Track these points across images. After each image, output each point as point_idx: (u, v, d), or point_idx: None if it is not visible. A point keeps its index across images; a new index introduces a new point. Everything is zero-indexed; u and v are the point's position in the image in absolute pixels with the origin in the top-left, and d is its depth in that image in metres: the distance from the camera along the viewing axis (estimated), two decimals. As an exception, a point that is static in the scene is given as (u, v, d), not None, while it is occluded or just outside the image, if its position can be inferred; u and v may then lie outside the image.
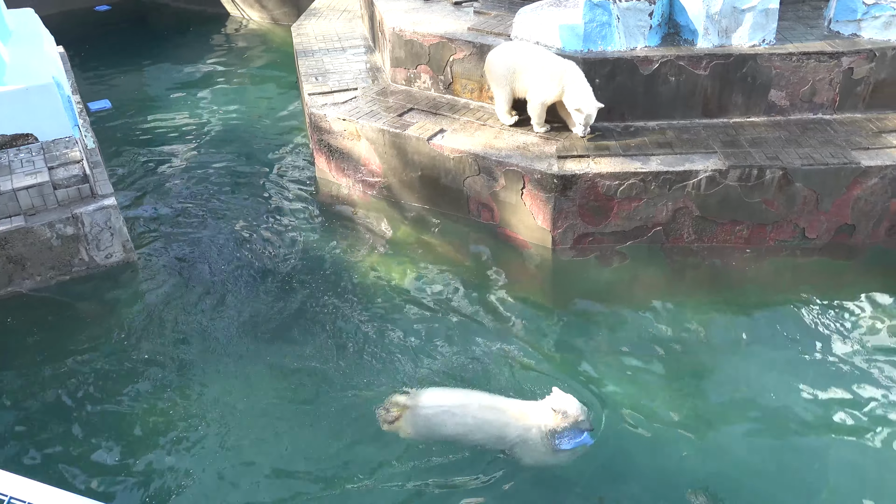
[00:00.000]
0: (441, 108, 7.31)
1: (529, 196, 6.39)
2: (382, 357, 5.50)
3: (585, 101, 6.30)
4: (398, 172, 7.09)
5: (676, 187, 6.19)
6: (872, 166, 6.14)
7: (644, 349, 5.59)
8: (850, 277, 6.33)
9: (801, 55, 6.60)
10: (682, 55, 6.62)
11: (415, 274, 6.42)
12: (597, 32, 6.66)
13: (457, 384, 5.20)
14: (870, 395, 5.15)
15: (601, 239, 6.48)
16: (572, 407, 4.56)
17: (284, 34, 11.99)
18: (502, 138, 6.72)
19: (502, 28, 7.29)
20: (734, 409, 5.07)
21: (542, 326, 5.87)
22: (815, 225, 6.39)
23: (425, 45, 7.39)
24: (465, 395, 4.82)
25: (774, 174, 6.12)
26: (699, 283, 6.33)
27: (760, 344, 5.65)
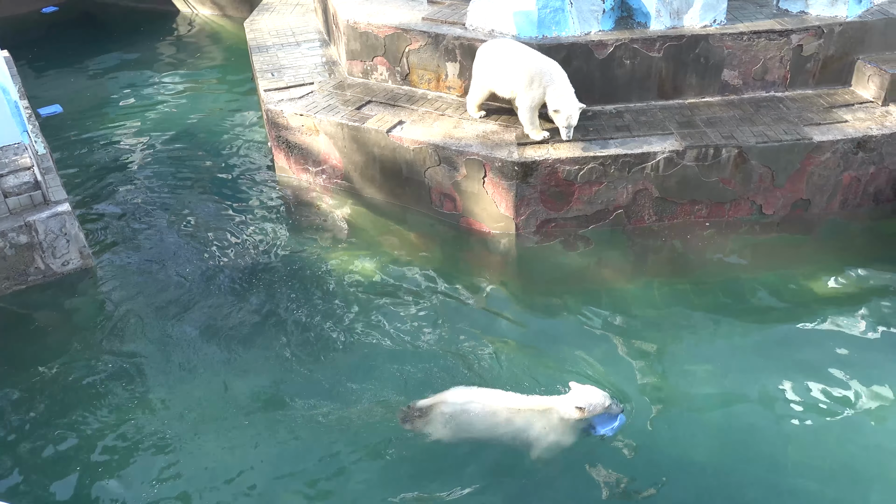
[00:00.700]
0: (399, 99, 7.27)
1: (491, 184, 6.40)
2: (352, 355, 5.46)
3: (564, 102, 6.13)
4: (358, 166, 7.05)
5: (635, 170, 6.25)
6: (824, 141, 6.26)
7: (613, 330, 5.65)
8: (808, 250, 6.48)
9: (752, 34, 6.69)
10: (635, 38, 6.67)
11: (380, 269, 6.39)
12: (551, 18, 6.67)
13: (435, 377, 5.18)
14: (832, 364, 5.27)
15: (564, 224, 6.52)
16: (596, 399, 4.54)
17: (237, 30, 11.80)
18: (462, 128, 6.71)
19: (457, 17, 7.27)
20: (702, 386, 5.14)
21: (511, 314, 5.89)
22: (772, 201, 6.50)
23: (380, 36, 7.34)
24: (490, 393, 4.75)
25: (730, 153, 6.22)
26: (662, 264, 6.42)
27: (725, 319, 5.76)
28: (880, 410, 4.92)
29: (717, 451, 4.68)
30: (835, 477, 4.51)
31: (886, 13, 6.93)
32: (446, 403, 4.66)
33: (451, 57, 7.04)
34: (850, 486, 4.46)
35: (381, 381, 5.19)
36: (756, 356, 5.39)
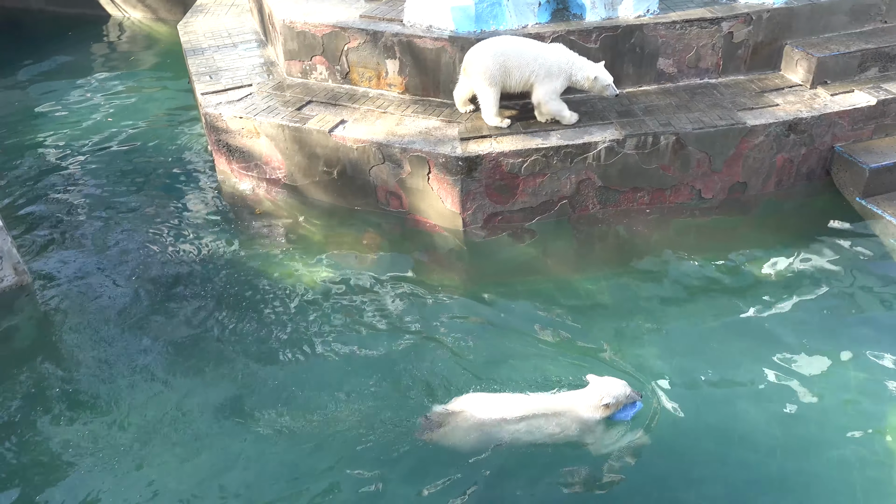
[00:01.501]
0: (340, 98, 7.20)
1: (436, 180, 6.39)
2: (305, 360, 5.39)
3: (600, 70, 6.26)
4: (302, 167, 6.96)
5: (578, 160, 6.33)
6: (757, 125, 6.44)
7: (563, 321, 5.71)
8: (747, 231, 6.66)
9: (684, 23, 6.83)
10: (572, 30, 6.74)
11: (329, 271, 6.33)
12: (488, 12, 6.69)
13: (392, 378, 5.15)
14: (774, 337, 5.44)
15: (510, 217, 6.56)
16: (619, 391, 4.50)
17: (171, 32, 11.52)
18: (404, 125, 6.68)
19: (395, 13, 7.23)
20: (652, 368, 5.23)
21: (464, 310, 5.90)
22: (710, 185, 6.67)
23: (318, 35, 7.26)
24: (509, 396, 4.68)
25: (668, 140, 6.34)
26: (609, 251, 6.52)
27: (671, 302, 5.88)
28: (820, 380, 5.09)
29: (670, 431, 4.77)
30: (777, 449, 4.66)
31: (811, -1, 7.16)
32: (468, 411, 4.54)
33: (391, 54, 7.00)
34: (793, 457, 4.61)
35: (337, 386, 5.13)
36: (702, 336, 5.53)
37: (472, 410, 4.57)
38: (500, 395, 4.75)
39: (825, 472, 4.54)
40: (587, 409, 4.51)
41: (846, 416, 4.87)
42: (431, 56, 6.86)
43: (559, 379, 5.08)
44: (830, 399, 4.99)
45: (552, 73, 6.25)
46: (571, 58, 6.31)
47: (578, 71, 6.29)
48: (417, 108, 6.94)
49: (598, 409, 4.47)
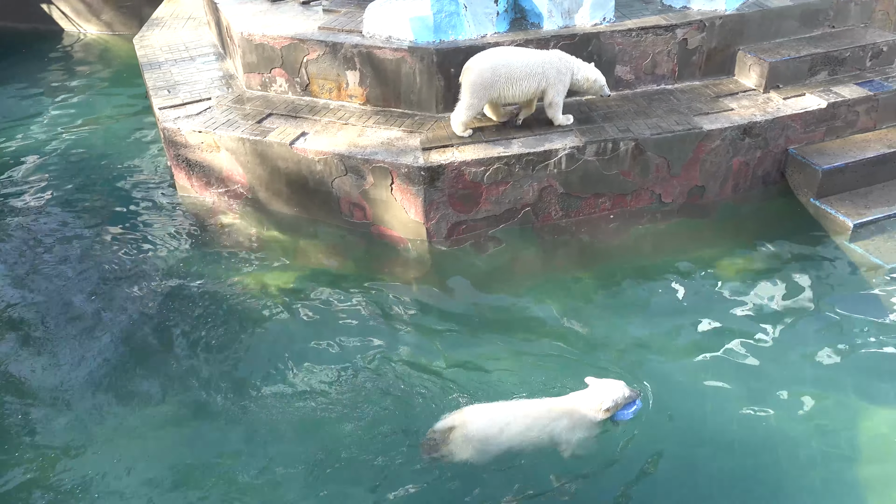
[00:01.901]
0: (301, 110, 7.16)
1: (399, 191, 6.39)
2: (270, 377, 5.33)
3: (598, 72, 6.50)
4: (264, 181, 6.90)
5: (539, 167, 6.38)
6: (713, 129, 6.56)
7: (529, 328, 5.75)
8: (706, 234, 6.78)
9: (640, 30, 6.94)
10: (530, 39, 6.80)
11: (294, 284, 6.28)
12: (446, 22, 6.73)
13: (363, 392, 5.13)
14: (735, 337, 5.55)
15: (474, 226, 6.58)
16: (618, 393, 4.56)
17: (127, 47, 11.32)
18: (366, 136, 6.67)
19: (353, 25, 7.22)
20: (625, 374, 5.27)
21: (429, 320, 5.90)
22: (670, 189, 6.77)
23: (277, 47, 7.21)
24: (510, 404, 4.66)
25: (627, 146, 6.43)
26: (572, 257, 6.57)
27: (635, 306, 5.96)
28: (782, 378, 5.19)
29: (640, 431, 4.82)
30: (741, 447, 4.74)
31: (762, 5, 7.33)
32: (469, 423, 4.50)
33: (351, 65, 6.99)
34: (758, 455, 4.69)
35: (307, 401, 5.11)
36: (667, 337, 5.62)
37: (473, 422, 4.51)
38: (501, 403, 4.68)
39: (790, 469, 4.62)
40: (589, 411, 4.55)
41: (808, 412, 4.98)
42: (391, 67, 6.87)
43: (532, 384, 5.11)
44: (793, 396, 5.09)
45: (560, 77, 6.37)
46: (572, 61, 6.46)
47: (579, 72, 6.45)
48: (379, 119, 6.94)
49: (600, 412, 4.51)
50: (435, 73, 6.74)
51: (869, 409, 4.98)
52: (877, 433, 4.85)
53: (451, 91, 6.82)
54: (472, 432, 4.47)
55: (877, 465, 4.64)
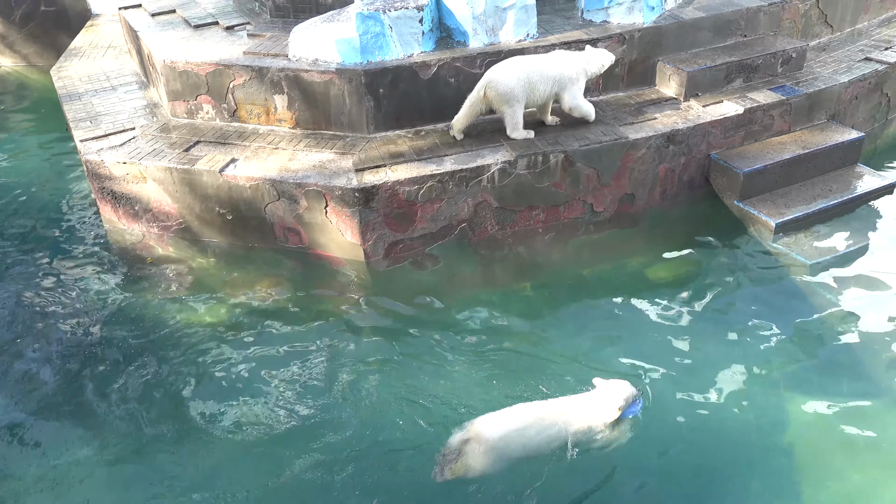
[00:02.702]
0: (229, 137, 7.05)
1: (334, 213, 6.34)
2: (213, 411, 5.21)
3: (607, 53, 6.80)
4: (194, 210, 6.75)
5: (473, 183, 6.43)
6: (639, 138, 6.74)
7: (474, 342, 5.77)
8: (638, 240, 6.94)
9: (563, 45, 7.10)
10: (457, 56, 6.88)
11: (232, 314, 6.15)
12: (373, 43, 6.74)
13: (311, 418, 5.08)
14: (672, 338, 5.69)
15: (412, 244, 6.58)
16: (627, 392, 4.72)
17: (44, 78, 10.97)
18: (297, 160, 6.61)
19: (279, 48, 7.17)
20: (560, 380, 5.34)
21: (371, 341, 5.87)
22: (601, 199, 6.92)
23: (201, 74, 7.09)
24: (521, 409, 4.66)
25: (557, 158, 6.55)
26: (511, 270, 6.64)
27: (575, 315, 6.07)
28: (717, 377, 5.34)
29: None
30: (680, 445, 4.86)
31: (677, 17, 7.60)
32: (485, 433, 4.48)
33: (279, 89, 6.93)
34: (696, 452, 4.80)
35: (252, 433, 5.01)
36: (607, 343, 5.74)
37: (489, 432, 4.49)
38: (512, 409, 4.67)
39: (726, 463, 4.75)
40: (602, 411, 4.66)
41: (742, 406, 5.13)
42: (320, 89, 6.83)
43: (483, 398, 5.14)
44: (725, 391, 5.24)
45: (576, 76, 6.65)
46: (582, 56, 6.74)
47: (590, 65, 6.74)
48: (310, 142, 6.89)
49: (613, 411, 4.64)
50: (364, 94, 6.74)
51: (799, 400, 5.17)
52: (807, 423, 5.03)
53: (382, 111, 6.83)
54: (491, 442, 4.44)
55: (810, 456, 4.81)
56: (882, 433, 4.92)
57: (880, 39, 8.88)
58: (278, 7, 8.05)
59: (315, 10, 7.79)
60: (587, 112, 6.83)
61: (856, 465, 4.74)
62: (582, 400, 4.75)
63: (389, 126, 6.93)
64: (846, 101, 7.79)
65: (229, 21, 8.09)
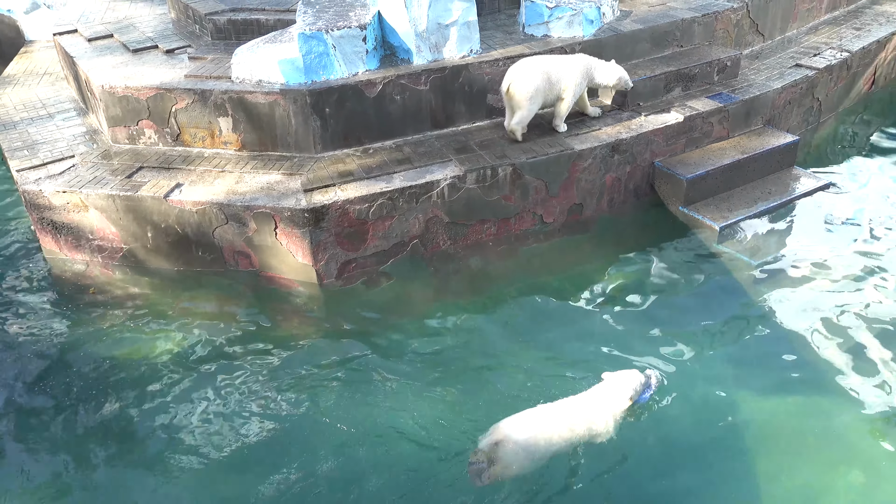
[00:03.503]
0: (174, 161, 6.92)
1: (284, 235, 6.28)
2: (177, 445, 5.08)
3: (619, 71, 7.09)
4: (139, 237, 6.60)
5: (423, 199, 6.44)
6: (584, 149, 6.86)
7: (430, 358, 5.75)
8: (588, 249, 7.05)
9: (506, 59, 7.19)
10: (401, 74, 6.90)
11: (183, 343, 6.00)
12: (316, 63, 6.72)
13: (266, 443, 5.00)
14: (624, 347, 5.76)
15: (364, 263, 6.55)
16: (636, 381, 4.98)
17: (-22, 108, 10.63)
18: (245, 182, 6.53)
19: (221, 71, 7.09)
20: (520, 389, 5.36)
21: (326, 362, 5.79)
22: (550, 210, 7.00)
23: (142, 99, 6.96)
24: (544, 408, 4.84)
25: (506, 171, 6.61)
26: (464, 284, 6.65)
27: (529, 326, 6.09)
28: (666, 376, 5.42)
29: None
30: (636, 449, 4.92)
31: (615, 30, 7.78)
32: (515, 434, 4.61)
33: (223, 112, 6.85)
34: (654, 457, 4.87)
35: (206, 460, 4.90)
36: (564, 351, 5.78)
37: (518, 432, 4.63)
38: (535, 410, 4.83)
39: (675, 462, 4.83)
40: (616, 401, 4.89)
41: (692, 405, 5.22)
42: (265, 110, 6.78)
43: (443, 413, 5.15)
44: (676, 391, 5.31)
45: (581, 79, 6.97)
46: (592, 62, 7.05)
47: (600, 72, 7.06)
48: (257, 164, 6.81)
49: (626, 400, 4.88)
50: (310, 114, 6.71)
51: (749, 398, 5.29)
52: (757, 419, 5.15)
53: (329, 131, 6.81)
54: (520, 443, 4.59)
55: (762, 452, 4.92)
56: (828, 425, 5.07)
57: (809, 46, 9.25)
58: (219, 29, 7.97)
59: (257, 31, 7.74)
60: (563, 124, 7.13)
61: (805, 458, 4.87)
62: (595, 394, 4.98)
63: (337, 145, 6.90)
64: (780, 107, 8.07)
65: (169, 44, 7.98)
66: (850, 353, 5.64)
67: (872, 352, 5.64)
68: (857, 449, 4.91)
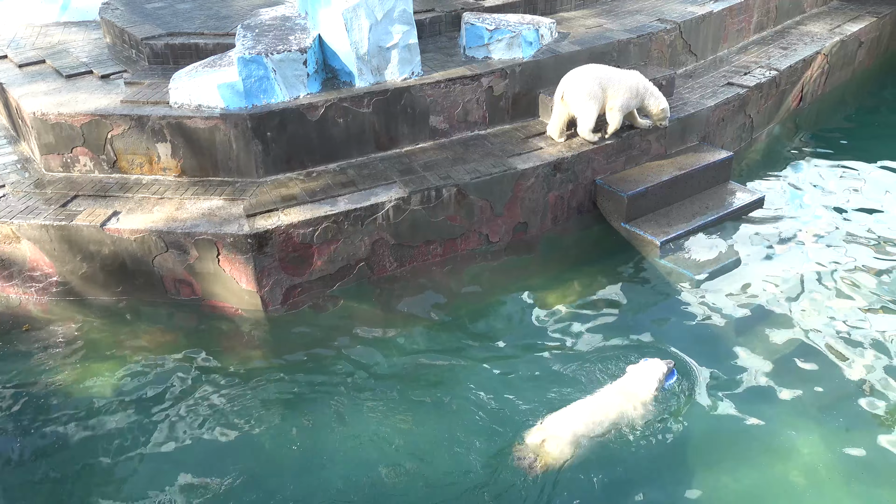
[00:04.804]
0: (110, 189, 6.75)
1: (227, 261, 6.17)
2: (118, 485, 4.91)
3: (666, 105, 7.45)
4: (76, 269, 6.40)
5: (368, 221, 6.42)
6: (527, 168, 6.95)
7: (377, 383, 5.70)
8: (534, 267, 7.12)
9: (448, 81, 7.26)
10: (343, 97, 6.90)
11: (124, 377, 5.79)
12: (257, 87, 6.67)
13: (218, 477, 4.88)
14: (570, 360, 5.82)
15: (310, 287, 6.48)
16: (659, 370, 5.34)
17: None
18: (185, 208, 6.41)
19: (159, 96, 6.97)
20: (468, 412, 5.35)
21: (272, 391, 5.68)
22: (495, 229, 7.06)
23: (76, 125, 6.79)
24: (586, 402, 5.20)
25: (450, 192, 6.65)
26: (412, 306, 6.62)
27: (478, 345, 6.09)
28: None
29: (488, 459, 4.93)
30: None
31: (555, 51, 7.93)
32: (555, 433, 4.95)
33: (161, 137, 6.72)
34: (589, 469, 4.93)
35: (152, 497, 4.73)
36: (507, 368, 5.79)
37: (560, 430, 4.97)
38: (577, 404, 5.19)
39: (631, 476, 4.88)
40: (644, 391, 5.26)
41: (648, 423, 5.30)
42: (205, 135, 6.68)
43: (396, 437, 5.12)
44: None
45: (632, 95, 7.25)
46: (649, 86, 7.34)
47: (650, 98, 7.34)
48: (197, 190, 6.70)
49: (653, 389, 5.26)
50: (251, 139, 6.64)
51: (693, 406, 5.39)
52: (700, 428, 5.24)
53: (271, 155, 6.75)
54: (566, 437, 4.92)
55: (706, 458, 5.02)
56: (768, 427, 5.20)
57: (739, 65, 9.60)
58: (156, 54, 7.85)
59: (195, 55, 7.65)
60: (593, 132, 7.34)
61: (748, 462, 4.98)
62: (624, 384, 5.33)
63: (280, 169, 6.84)
64: (714, 124, 8.33)
65: (105, 70, 7.81)
66: (786, 361, 5.81)
67: (808, 358, 5.83)
68: (797, 454, 5.04)
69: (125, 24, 8.37)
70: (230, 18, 8.48)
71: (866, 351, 5.87)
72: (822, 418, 5.30)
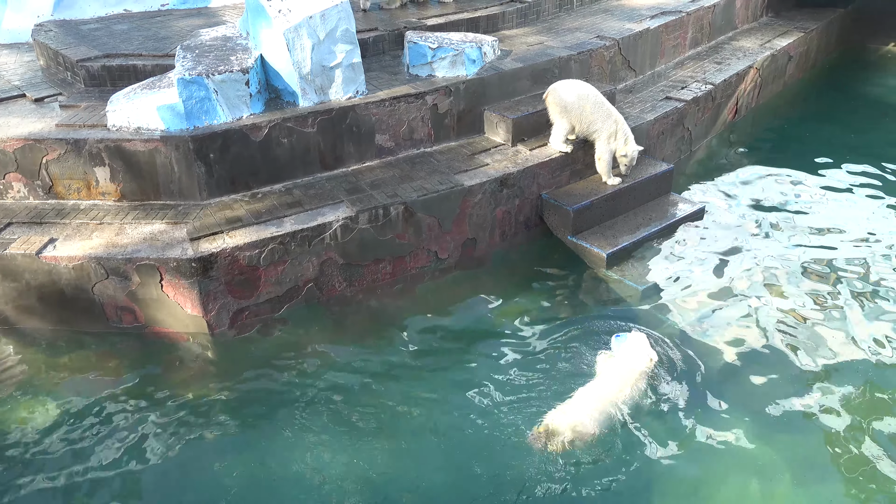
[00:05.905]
0: (46, 215, 6.54)
1: (170, 287, 6.02)
2: None
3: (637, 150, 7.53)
4: (10, 298, 6.16)
5: (316, 242, 6.36)
6: (474, 185, 7.00)
7: (328, 405, 5.62)
8: (484, 282, 7.15)
9: (392, 100, 7.28)
10: (287, 117, 6.84)
11: (63, 411, 5.59)
12: (198, 108, 6.56)
13: None
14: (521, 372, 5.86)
15: (258, 311, 6.37)
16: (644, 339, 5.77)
17: None
18: (126, 233, 6.24)
19: (96, 119, 6.79)
20: (426, 430, 5.33)
21: (220, 417, 5.56)
22: (444, 246, 7.08)
23: (9, 150, 6.56)
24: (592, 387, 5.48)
25: (398, 210, 6.64)
26: (362, 326, 6.57)
27: (431, 363, 6.09)
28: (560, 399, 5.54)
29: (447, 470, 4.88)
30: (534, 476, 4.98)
31: (498, 69, 8.03)
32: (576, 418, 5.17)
33: (99, 161, 6.55)
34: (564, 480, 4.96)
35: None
36: (460, 384, 5.79)
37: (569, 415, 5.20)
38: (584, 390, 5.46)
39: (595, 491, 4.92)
40: (640, 363, 5.60)
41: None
42: (145, 158, 6.53)
43: (334, 464, 5.01)
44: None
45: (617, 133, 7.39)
46: (626, 127, 7.45)
47: (630, 140, 7.46)
48: (138, 214, 6.54)
49: (651, 362, 5.65)
50: (193, 161, 6.52)
51: (645, 415, 5.47)
52: (650, 433, 5.33)
53: (214, 177, 6.64)
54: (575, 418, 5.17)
55: (657, 467, 5.09)
56: (718, 435, 5.31)
57: (676, 80, 9.88)
58: (93, 76, 7.66)
59: (133, 77, 7.50)
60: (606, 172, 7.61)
61: (701, 467, 5.07)
62: (626, 362, 5.61)
63: (224, 191, 6.73)
64: (654, 137, 8.55)
65: (38, 92, 7.59)
66: (733, 366, 5.96)
67: (753, 361, 6.00)
68: (749, 457, 5.15)
69: (59, 46, 8.15)
70: (169, 39, 8.34)
71: (810, 349, 6.07)
72: (769, 419, 5.44)
